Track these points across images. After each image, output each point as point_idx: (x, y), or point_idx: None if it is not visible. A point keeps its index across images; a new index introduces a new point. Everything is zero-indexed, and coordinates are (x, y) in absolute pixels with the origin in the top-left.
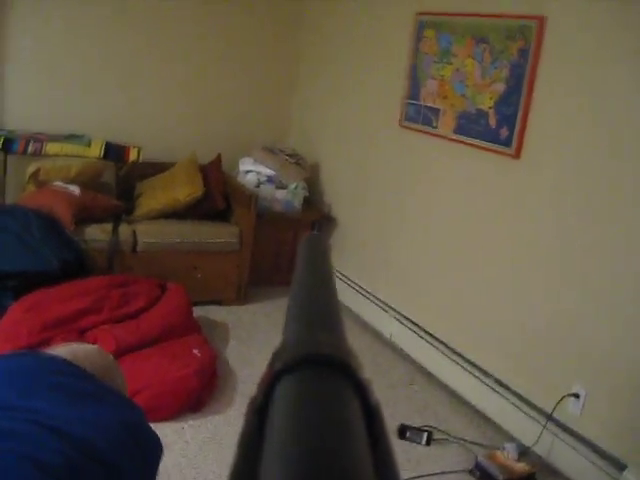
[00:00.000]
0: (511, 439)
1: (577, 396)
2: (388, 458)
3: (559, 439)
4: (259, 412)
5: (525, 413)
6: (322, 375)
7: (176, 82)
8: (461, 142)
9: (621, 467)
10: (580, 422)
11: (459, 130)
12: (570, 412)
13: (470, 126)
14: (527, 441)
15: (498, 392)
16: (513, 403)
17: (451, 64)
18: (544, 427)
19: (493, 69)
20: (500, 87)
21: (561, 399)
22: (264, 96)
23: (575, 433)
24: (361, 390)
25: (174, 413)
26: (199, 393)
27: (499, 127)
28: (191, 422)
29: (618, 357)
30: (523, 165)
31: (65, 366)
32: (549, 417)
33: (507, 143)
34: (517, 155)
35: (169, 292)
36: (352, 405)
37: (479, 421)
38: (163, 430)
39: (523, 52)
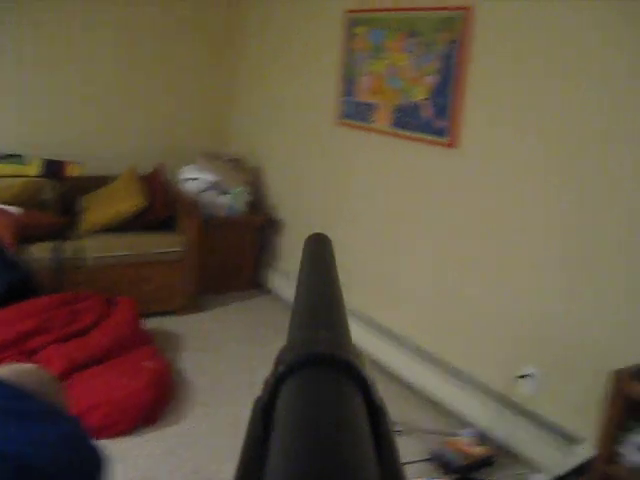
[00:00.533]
0: (469, 425)
1: (530, 376)
2: (392, 455)
3: (516, 420)
4: (264, 411)
5: (481, 398)
6: (326, 374)
7: (114, 94)
8: (398, 135)
9: (571, 439)
10: (535, 402)
11: (396, 123)
12: (525, 393)
13: (406, 119)
14: (485, 425)
15: (453, 379)
16: (468, 389)
17: (384, 59)
18: (499, 410)
19: (425, 62)
20: (433, 79)
21: (515, 380)
22: (203, 104)
23: (531, 413)
24: (365, 388)
25: (130, 428)
26: (153, 406)
27: (434, 118)
28: (148, 435)
29: (568, 335)
30: (460, 153)
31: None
32: (504, 399)
33: (443, 133)
34: (453, 144)
35: (118, 306)
36: (356, 403)
37: (436, 410)
38: (121, 445)
39: (453, 43)
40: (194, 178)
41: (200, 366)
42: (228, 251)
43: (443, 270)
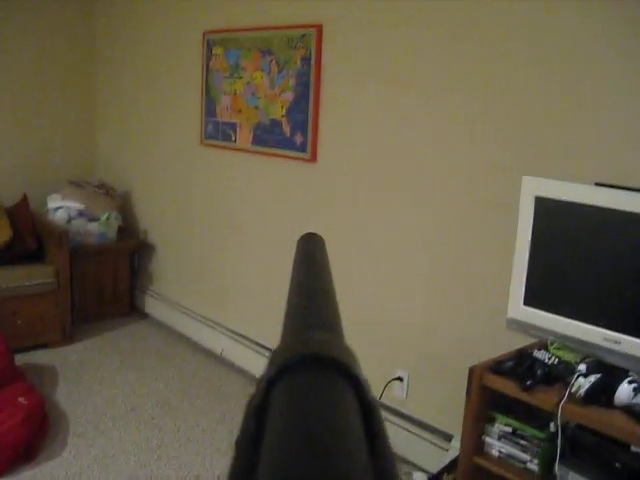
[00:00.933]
0: None
1: (401, 379)
2: (385, 455)
3: (390, 422)
4: (257, 412)
5: None
6: (319, 374)
7: None
8: (260, 152)
9: (448, 438)
10: (407, 404)
11: (257, 141)
12: (396, 395)
13: (266, 136)
14: None
15: None
16: None
17: (241, 78)
18: None
19: (281, 79)
20: (289, 96)
21: (387, 384)
22: (65, 131)
23: (403, 414)
24: (358, 387)
25: (7, 466)
26: (29, 442)
27: (293, 134)
28: (27, 473)
29: (430, 337)
30: (320, 167)
31: None
32: (380, 404)
33: (303, 149)
34: (313, 159)
35: None
36: (349, 403)
37: None
38: None
39: (306, 60)
40: (61, 207)
41: (75, 397)
42: (101, 278)
43: None
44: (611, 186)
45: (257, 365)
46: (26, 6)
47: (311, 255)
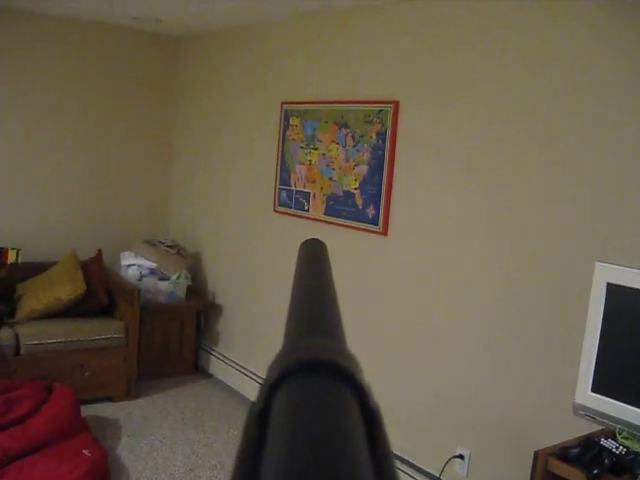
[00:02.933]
0: None
1: (462, 457)
2: (387, 462)
3: None
4: (259, 418)
5: (415, 478)
6: (321, 380)
7: (52, 179)
8: (332, 223)
9: None
10: None
11: (329, 211)
12: (457, 473)
13: (339, 207)
14: None
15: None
16: (403, 469)
17: (317, 149)
18: None
19: (356, 152)
20: (363, 169)
21: (447, 461)
22: (141, 190)
23: None
24: (360, 393)
25: None
26: None
27: (366, 207)
28: None
29: (495, 417)
30: (391, 241)
31: None
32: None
33: (374, 222)
34: (385, 232)
35: (55, 393)
36: (351, 409)
37: None
38: None
39: (381, 135)
40: (133, 264)
41: (137, 452)
42: (168, 336)
43: (383, 354)
44: None
45: None
46: (116, 67)
47: (314, 260)
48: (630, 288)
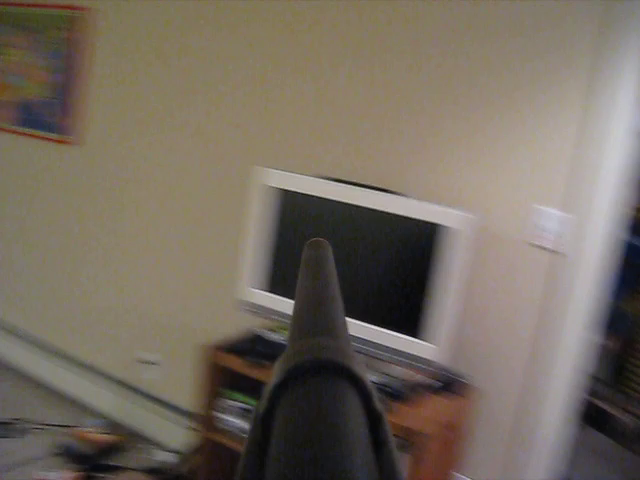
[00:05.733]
0: (98, 415)
1: (152, 363)
2: (392, 463)
3: (144, 406)
4: (264, 419)
5: (106, 387)
6: (326, 381)
7: None
8: (24, 134)
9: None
10: (158, 387)
11: (20, 122)
12: (148, 379)
13: (31, 117)
14: (115, 414)
15: (77, 371)
16: (92, 379)
17: (6, 55)
18: (128, 398)
19: (49, 60)
20: (57, 77)
21: (139, 367)
22: None
23: (155, 398)
24: (365, 395)
25: None
26: None
27: (60, 117)
28: None
29: (179, 323)
30: (85, 150)
31: None
32: (131, 387)
33: (68, 132)
34: (78, 142)
35: None
36: (356, 411)
37: (63, 404)
38: None
39: (73, 42)
40: None
41: None
42: None
43: (62, 261)
44: (329, 179)
45: (2, 346)
46: None
47: (317, 261)
48: (283, 190)
